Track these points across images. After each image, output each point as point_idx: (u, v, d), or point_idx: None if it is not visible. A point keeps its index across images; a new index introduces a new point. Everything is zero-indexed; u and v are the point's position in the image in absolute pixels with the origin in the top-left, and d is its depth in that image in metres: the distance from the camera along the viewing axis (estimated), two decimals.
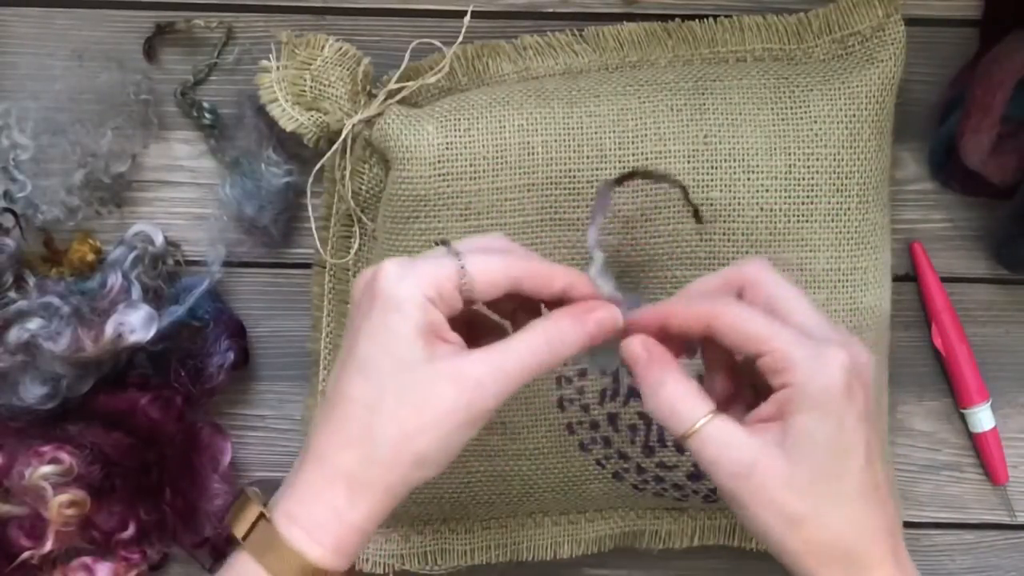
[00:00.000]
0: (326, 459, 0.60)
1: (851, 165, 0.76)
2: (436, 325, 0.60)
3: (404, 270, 0.60)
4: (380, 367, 0.60)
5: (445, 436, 0.60)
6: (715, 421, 0.60)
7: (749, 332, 0.60)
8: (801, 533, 0.59)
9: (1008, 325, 0.86)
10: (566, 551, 0.84)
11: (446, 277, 0.60)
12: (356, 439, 0.60)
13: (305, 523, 0.60)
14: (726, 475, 0.60)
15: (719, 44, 0.80)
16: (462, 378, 0.60)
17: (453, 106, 0.77)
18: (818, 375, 0.59)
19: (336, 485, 0.60)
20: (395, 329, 0.60)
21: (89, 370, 0.80)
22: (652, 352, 0.62)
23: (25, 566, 0.81)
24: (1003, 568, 0.88)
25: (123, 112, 0.82)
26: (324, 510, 0.60)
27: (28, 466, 0.79)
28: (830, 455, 0.59)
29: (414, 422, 0.59)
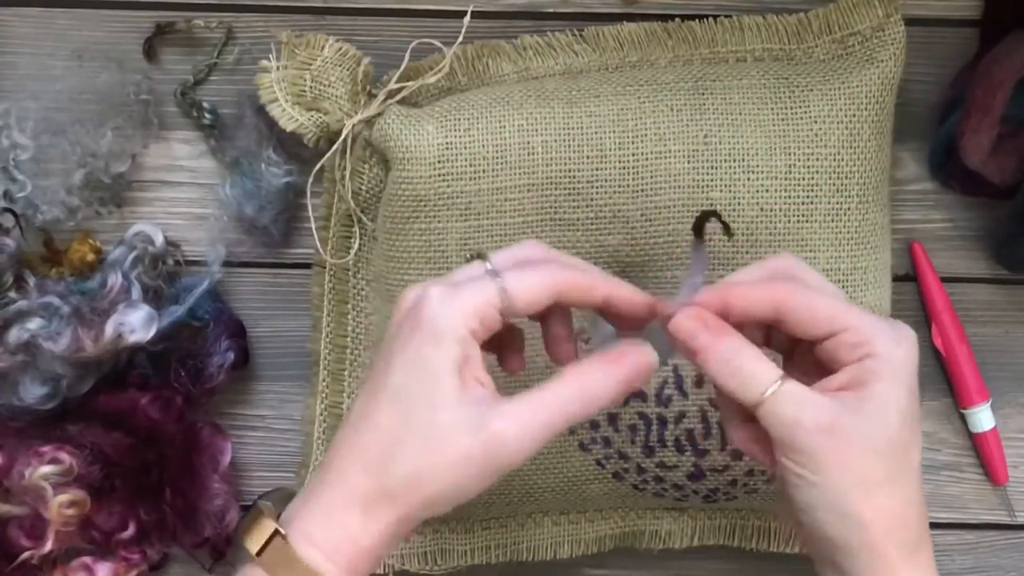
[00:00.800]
0: (345, 481, 0.60)
1: (851, 165, 0.77)
2: (472, 362, 0.59)
3: (448, 300, 0.59)
4: (411, 400, 0.59)
5: (456, 484, 0.59)
6: (787, 384, 0.60)
7: (826, 310, 0.60)
8: (875, 500, 0.59)
9: (1008, 325, 0.86)
10: (566, 551, 0.84)
11: (488, 303, 0.59)
12: (375, 467, 0.59)
13: (322, 544, 0.60)
14: (809, 431, 0.59)
15: (719, 44, 0.80)
16: (483, 432, 0.58)
17: (453, 106, 0.77)
18: (900, 348, 0.60)
19: (352, 509, 0.60)
20: (434, 363, 0.59)
21: (89, 370, 0.80)
22: (710, 323, 0.61)
23: (25, 566, 0.81)
24: (1003, 568, 0.88)
25: (123, 112, 0.82)
26: (340, 533, 0.60)
27: (28, 466, 0.79)
28: (906, 425, 0.60)
29: (428, 466, 0.59)
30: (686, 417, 0.78)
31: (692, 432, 0.78)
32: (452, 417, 0.58)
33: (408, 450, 0.59)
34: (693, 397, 0.77)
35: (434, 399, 0.59)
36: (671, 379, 0.77)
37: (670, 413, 0.78)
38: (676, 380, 0.77)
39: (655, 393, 0.78)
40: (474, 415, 0.59)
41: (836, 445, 0.59)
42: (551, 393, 0.60)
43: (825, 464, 0.59)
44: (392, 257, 0.78)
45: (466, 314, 0.59)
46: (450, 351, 0.58)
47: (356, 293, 0.83)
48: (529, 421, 0.59)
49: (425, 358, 0.59)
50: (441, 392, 0.59)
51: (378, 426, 0.60)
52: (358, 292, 0.83)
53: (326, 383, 0.83)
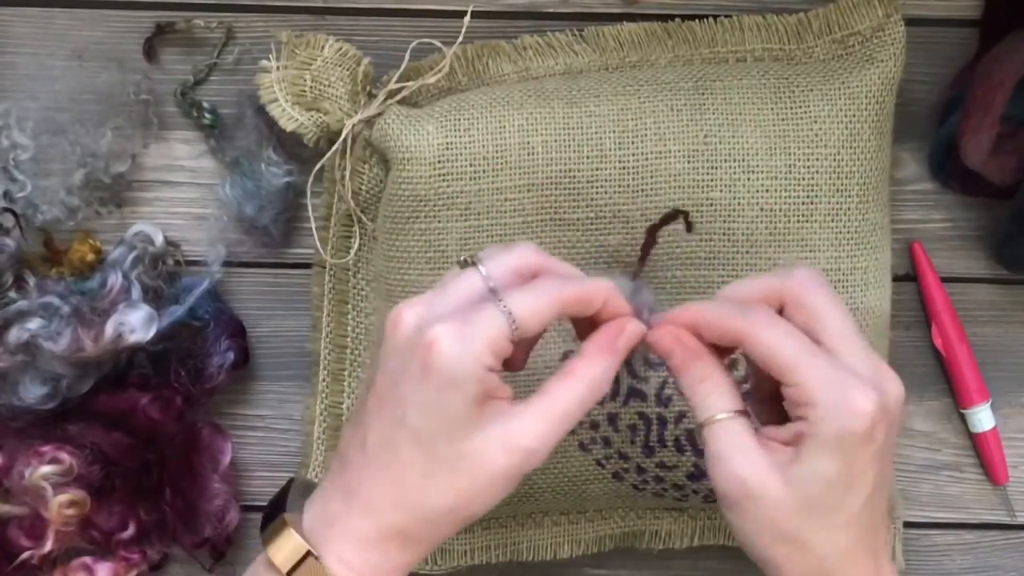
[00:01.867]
0: (381, 515, 0.61)
1: (851, 165, 0.76)
2: (491, 389, 0.60)
3: (462, 344, 0.58)
4: (434, 439, 0.59)
5: (495, 498, 0.61)
6: (735, 421, 0.61)
7: (777, 360, 0.60)
8: (783, 548, 0.61)
9: (1008, 325, 0.86)
10: (566, 551, 0.84)
11: (500, 336, 0.59)
12: (412, 504, 0.60)
13: (359, 569, 0.61)
14: (724, 476, 0.61)
15: (719, 44, 0.80)
16: (513, 446, 0.59)
17: (453, 106, 0.77)
18: (837, 419, 0.59)
19: (392, 540, 0.61)
20: (452, 406, 0.59)
21: (89, 370, 0.80)
22: (686, 344, 0.62)
23: (25, 566, 0.81)
24: (1003, 568, 0.88)
25: (123, 112, 0.81)
26: (379, 559, 0.61)
27: (28, 466, 0.79)
28: (831, 492, 0.60)
29: (467, 491, 0.60)
30: (686, 417, 0.78)
31: (692, 432, 0.78)
32: (479, 442, 0.59)
33: (442, 484, 0.60)
34: None
35: (458, 431, 0.59)
36: (671, 379, 0.77)
37: (670, 413, 0.78)
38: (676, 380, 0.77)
39: (655, 393, 0.78)
40: (500, 433, 0.59)
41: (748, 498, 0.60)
42: (566, 393, 0.61)
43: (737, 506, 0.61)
44: (392, 257, 0.78)
45: (482, 355, 0.59)
46: (470, 392, 0.59)
47: (356, 293, 0.83)
48: (549, 428, 0.60)
49: (446, 403, 0.59)
50: (463, 422, 0.59)
51: (406, 463, 0.60)
52: (358, 292, 0.83)
53: (326, 383, 0.83)
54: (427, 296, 0.61)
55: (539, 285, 0.61)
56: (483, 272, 0.61)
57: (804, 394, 0.59)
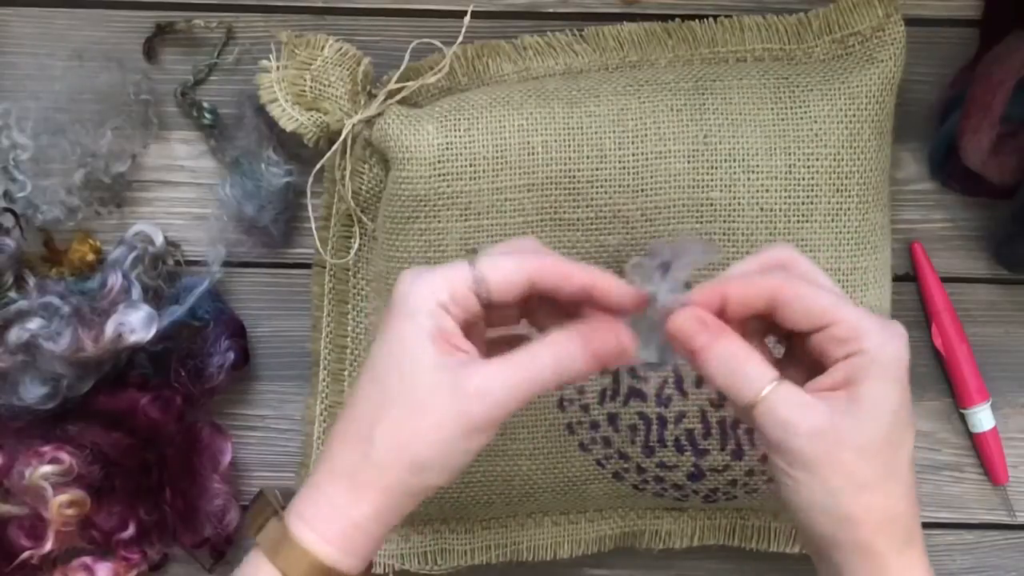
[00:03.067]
0: (332, 457, 0.61)
1: (851, 165, 0.77)
2: (448, 332, 0.60)
3: (417, 277, 0.61)
4: (389, 371, 0.61)
5: (442, 443, 0.60)
6: (784, 385, 0.60)
7: (817, 303, 0.61)
8: (866, 498, 0.60)
9: (1008, 325, 0.86)
10: (566, 551, 0.84)
11: (459, 280, 0.61)
12: (358, 439, 0.60)
13: (312, 521, 0.60)
14: (801, 435, 0.59)
15: (719, 44, 0.80)
16: (461, 388, 0.60)
17: (453, 106, 0.77)
18: (889, 345, 0.60)
19: (338, 483, 0.61)
20: (406, 335, 0.60)
21: (89, 370, 0.80)
22: (709, 323, 0.61)
23: (25, 566, 0.81)
24: (1003, 568, 0.88)
25: (123, 112, 0.81)
26: (328, 508, 0.61)
27: (28, 466, 0.79)
28: (897, 424, 0.60)
29: (411, 427, 0.60)
30: (686, 417, 0.78)
31: (692, 432, 0.78)
32: (429, 380, 0.60)
33: (388, 418, 0.60)
34: (693, 397, 0.77)
35: (411, 368, 0.60)
36: (671, 379, 0.77)
37: (670, 413, 0.78)
38: (676, 380, 0.77)
39: (655, 393, 0.78)
40: (450, 377, 0.60)
41: (827, 448, 0.59)
42: (527, 357, 0.61)
43: (816, 466, 0.60)
44: (392, 257, 0.78)
45: (435, 289, 0.60)
46: (422, 323, 0.60)
47: (356, 293, 0.83)
48: (504, 381, 0.60)
49: (398, 332, 0.60)
50: (416, 360, 0.60)
51: (359, 402, 0.61)
52: (358, 292, 0.83)
53: (326, 383, 0.83)
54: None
55: (512, 253, 0.62)
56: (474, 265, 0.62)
57: (852, 326, 0.60)
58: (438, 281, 0.61)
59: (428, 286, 0.61)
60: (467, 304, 0.61)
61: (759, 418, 0.60)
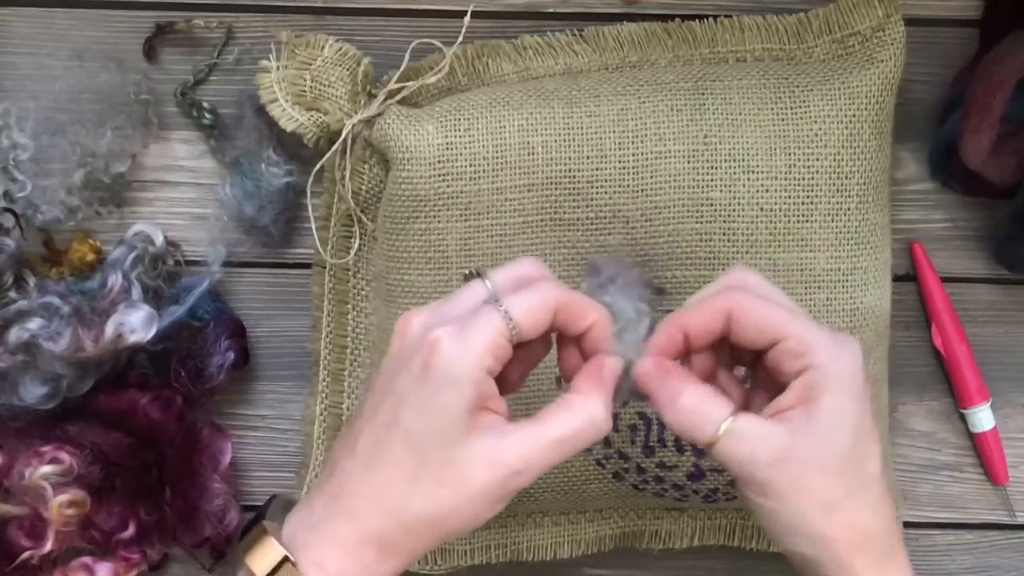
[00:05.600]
0: (359, 519, 0.61)
1: (851, 165, 0.77)
2: (487, 396, 0.60)
3: (461, 343, 0.59)
4: (425, 442, 0.59)
5: (476, 515, 0.61)
6: (740, 418, 0.61)
7: (768, 318, 0.61)
8: (837, 517, 0.60)
9: (1008, 325, 0.86)
10: (566, 551, 0.84)
11: (499, 336, 0.59)
12: (393, 508, 0.60)
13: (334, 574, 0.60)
14: (764, 466, 0.60)
15: (719, 44, 0.80)
16: (499, 464, 0.59)
17: (453, 106, 0.77)
18: (841, 357, 0.60)
19: (369, 546, 0.60)
20: (448, 407, 0.59)
21: (89, 370, 0.80)
22: (662, 366, 0.62)
23: (25, 566, 0.81)
24: (1003, 568, 0.88)
25: (123, 112, 0.81)
26: (355, 566, 0.61)
27: (28, 466, 0.79)
28: (859, 438, 0.60)
29: (450, 503, 0.60)
30: None
31: None
32: (466, 452, 0.59)
33: (425, 491, 0.60)
34: None
35: (448, 437, 0.59)
36: None
37: None
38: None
39: None
40: (488, 447, 0.59)
41: (790, 474, 0.60)
42: (561, 423, 0.61)
43: (783, 493, 0.61)
44: (392, 257, 0.78)
45: (481, 356, 0.59)
46: (467, 394, 0.59)
47: (356, 293, 0.83)
48: (539, 449, 0.60)
49: (442, 403, 0.59)
50: (455, 428, 0.59)
51: (393, 465, 0.60)
52: (358, 292, 0.83)
53: (326, 383, 0.83)
54: (433, 304, 0.62)
55: (535, 286, 0.61)
56: (487, 284, 0.61)
57: (803, 340, 0.60)
58: (482, 346, 0.59)
59: (474, 353, 0.59)
60: (505, 356, 0.60)
61: (719, 456, 0.61)
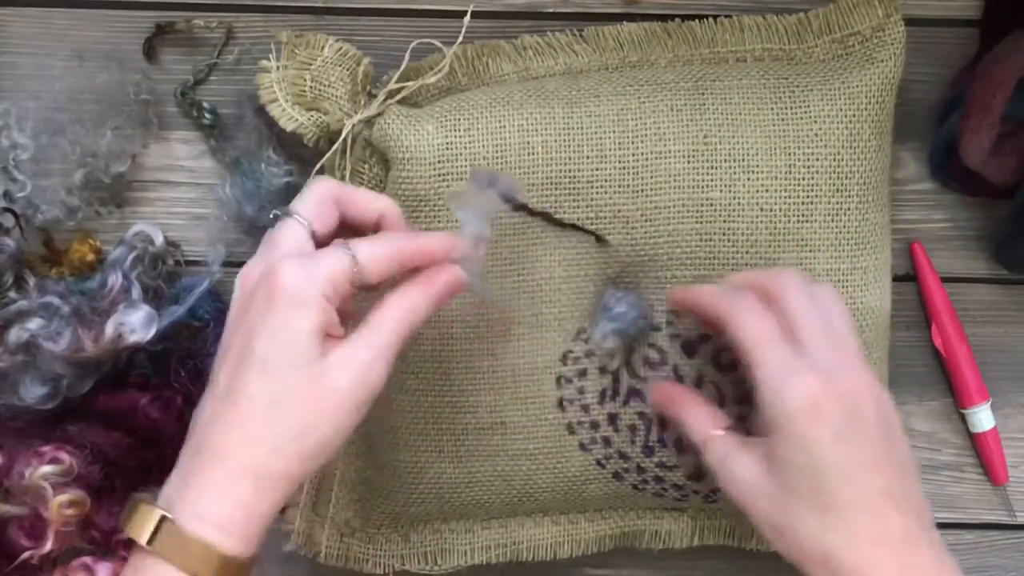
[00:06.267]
0: (229, 457, 0.62)
1: (851, 165, 0.77)
2: (330, 323, 0.63)
3: (306, 270, 0.62)
4: (281, 365, 0.62)
5: (342, 423, 0.63)
6: (719, 439, 0.67)
7: (742, 341, 0.66)
8: (784, 541, 0.64)
9: (1008, 325, 0.86)
10: (566, 551, 0.84)
11: (342, 272, 0.63)
12: (260, 437, 0.62)
13: (215, 519, 0.61)
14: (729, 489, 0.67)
15: (719, 44, 0.80)
16: (352, 364, 0.62)
17: (453, 106, 0.77)
18: (779, 401, 0.64)
19: (243, 481, 0.61)
20: (297, 329, 0.62)
21: (89, 370, 0.80)
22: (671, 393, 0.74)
23: (25, 566, 0.81)
24: (1003, 568, 0.88)
25: (123, 112, 0.81)
26: (233, 506, 0.61)
27: (28, 466, 0.79)
28: (801, 473, 0.63)
29: (314, 413, 0.62)
30: None
31: None
32: (322, 367, 0.62)
33: (288, 410, 0.61)
34: None
35: (303, 358, 0.62)
36: (670, 379, 0.77)
37: None
38: (676, 381, 0.77)
39: None
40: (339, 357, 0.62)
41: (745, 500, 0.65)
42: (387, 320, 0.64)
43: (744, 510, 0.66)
44: None
45: (320, 282, 0.62)
46: (312, 316, 0.62)
47: None
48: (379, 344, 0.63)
49: (289, 325, 0.62)
50: (308, 351, 0.62)
51: (253, 397, 0.62)
52: None
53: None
54: (260, 250, 0.65)
55: (383, 236, 0.66)
56: (299, 218, 0.65)
57: (754, 377, 0.65)
58: (324, 273, 0.62)
59: (314, 279, 0.62)
60: (344, 293, 0.64)
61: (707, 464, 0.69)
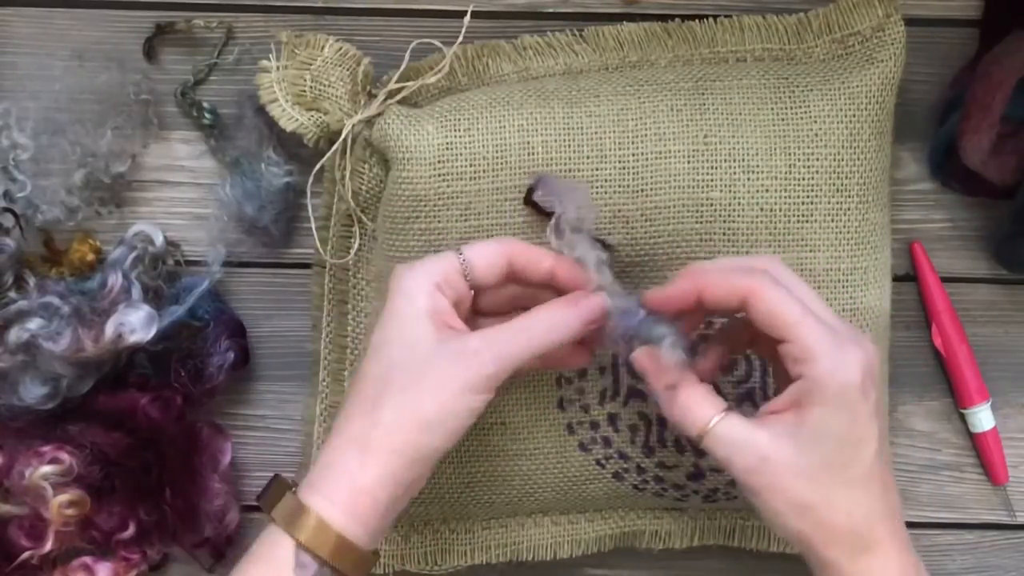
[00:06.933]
0: (341, 430, 0.65)
1: (851, 165, 0.77)
2: (443, 311, 0.66)
3: (413, 267, 0.67)
4: (391, 346, 0.65)
5: (446, 401, 0.64)
6: (726, 420, 0.64)
7: (782, 315, 0.63)
8: (810, 517, 0.63)
9: (1008, 325, 0.86)
10: (566, 551, 0.84)
11: (449, 264, 0.67)
12: (366, 409, 0.65)
13: (323, 488, 0.64)
14: (739, 470, 0.64)
15: (719, 44, 0.80)
16: (461, 349, 0.65)
17: (453, 106, 0.77)
18: (839, 372, 0.62)
19: (348, 450, 0.64)
20: (403, 313, 0.66)
21: (89, 370, 0.80)
22: (661, 365, 0.65)
23: (25, 566, 0.81)
24: (1003, 568, 0.88)
25: (123, 112, 0.82)
26: (338, 474, 0.64)
27: (28, 466, 0.79)
28: (841, 446, 0.62)
29: (416, 388, 0.64)
30: None
31: None
32: (429, 347, 0.65)
33: (394, 385, 0.64)
34: None
35: (411, 339, 0.65)
36: None
37: None
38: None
39: None
40: (450, 343, 0.65)
41: (766, 479, 0.63)
42: (521, 321, 0.66)
43: (759, 493, 0.64)
44: (392, 257, 0.78)
45: (429, 273, 0.67)
46: (417, 301, 0.66)
47: (356, 293, 0.83)
48: (499, 338, 0.65)
49: (396, 311, 0.66)
50: (416, 333, 0.65)
51: (365, 376, 0.66)
52: (358, 292, 0.83)
53: (326, 383, 0.84)
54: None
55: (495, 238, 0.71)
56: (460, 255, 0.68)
57: (805, 347, 0.62)
58: (430, 266, 0.67)
59: (422, 271, 0.67)
60: (457, 287, 0.67)
61: (708, 450, 0.65)
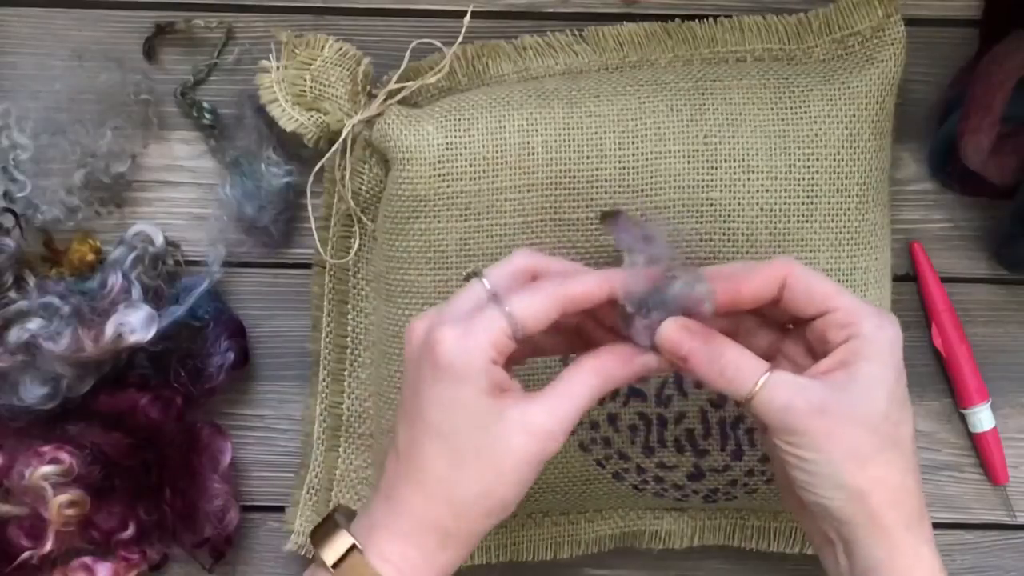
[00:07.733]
0: (415, 513, 0.64)
1: (851, 165, 0.77)
2: (499, 381, 0.63)
3: (463, 340, 0.63)
4: (456, 431, 0.63)
5: (522, 482, 0.64)
6: (778, 372, 0.64)
7: (821, 289, 0.65)
8: (870, 471, 0.62)
9: (1008, 325, 0.86)
10: (566, 551, 0.84)
11: (501, 334, 0.63)
12: (443, 498, 0.63)
13: (398, 563, 0.63)
14: (801, 413, 0.62)
15: (719, 44, 0.80)
16: (533, 430, 0.63)
17: (453, 106, 0.77)
18: (884, 330, 0.64)
19: (429, 535, 0.64)
20: (465, 398, 0.63)
21: (89, 370, 0.80)
22: (693, 329, 0.64)
23: (25, 566, 0.81)
24: (1003, 568, 0.88)
25: (123, 112, 0.81)
26: (417, 553, 0.64)
27: (28, 466, 0.79)
28: (893, 402, 0.63)
29: (494, 476, 0.63)
30: (686, 417, 0.78)
31: (692, 432, 0.78)
32: (500, 430, 0.63)
33: (469, 474, 0.63)
34: (693, 397, 0.77)
35: (477, 422, 0.63)
36: (671, 379, 0.77)
37: (670, 413, 0.78)
38: (676, 380, 0.77)
39: (655, 393, 0.78)
40: (518, 419, 0.63)
41: (827, 423, 0.62)
42: (577, 385, 0.64)
43: (819, 441, 0.62)
44: (392, 257, 0.78)
45: (483, 350, 0.63)
46: (478, 383, 0.63)
47: (356, 293, 0.83)
48: (565, 412, 0.64)
49: (457, 395, 0.63)
50: (480, 415, 0.63)
51: (433, 460, 0.64)
52: (358, 292, 0.83)
53: (326, 383, 0.83)
54: (436, 307, 0.65)
55: (539, 286, 0.64)
56: (485, 283, 0.64)
57: (850, 312, 0.64)
58: (484, 341, 0.63)
59: (476, 349, 0.62)
60: (507, 350, 0.64)
61: (758, 407, 0.63)
